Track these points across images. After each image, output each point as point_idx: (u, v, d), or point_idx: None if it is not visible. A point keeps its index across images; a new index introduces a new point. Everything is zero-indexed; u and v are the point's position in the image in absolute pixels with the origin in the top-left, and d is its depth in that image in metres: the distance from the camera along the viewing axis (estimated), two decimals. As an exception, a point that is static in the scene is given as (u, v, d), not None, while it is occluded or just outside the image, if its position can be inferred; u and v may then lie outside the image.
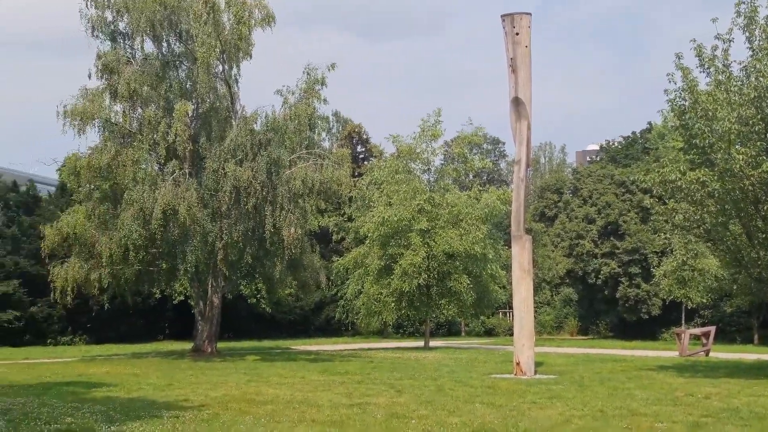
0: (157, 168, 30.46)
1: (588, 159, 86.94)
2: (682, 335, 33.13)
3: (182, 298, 42.19)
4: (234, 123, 30.12)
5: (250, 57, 30.79)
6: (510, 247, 23.97)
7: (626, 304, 51.98)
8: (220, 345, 33.68)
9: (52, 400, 15.25)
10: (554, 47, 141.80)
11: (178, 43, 31.56)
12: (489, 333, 55.99)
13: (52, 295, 30.92)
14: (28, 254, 41.12)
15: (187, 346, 34.44)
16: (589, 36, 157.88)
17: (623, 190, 53.85)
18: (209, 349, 31.09)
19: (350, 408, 14.19)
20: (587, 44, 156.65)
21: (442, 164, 42.19)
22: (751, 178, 20.32)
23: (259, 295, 45.84)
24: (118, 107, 30.15)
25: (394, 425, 12.20)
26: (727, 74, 21.85)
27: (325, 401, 15.17)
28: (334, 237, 44.64)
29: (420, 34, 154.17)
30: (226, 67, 30.78)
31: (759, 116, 20.74)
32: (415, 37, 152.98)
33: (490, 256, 37.62)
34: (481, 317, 50.22)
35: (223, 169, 28.40)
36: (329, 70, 31.25)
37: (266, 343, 42.50)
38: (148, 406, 14.48)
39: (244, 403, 14.77)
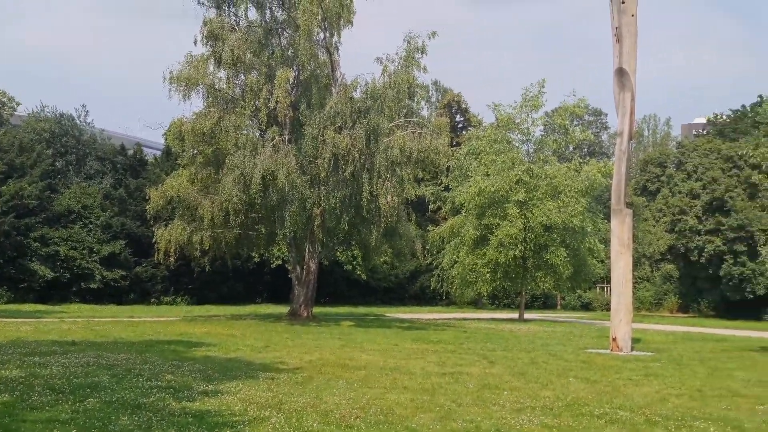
0: (257, 134, 30.97)
1: (694, 133, 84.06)
2: (789, 317, 31.88)
3: (280, 262, 43.05)
4: (334, 91, 30.33)
5: (351, 25, 30.92)
6: (609, 220, 23.49)
7: (730, 283, 50.23)
8: (316, 310, 34.25)
9: (154, 358, 15.86)
10: (664, 15, 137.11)
11: (280, 11, 31.89)
12: (585, 307, 55.20)
13: (155, 256, 32.05)
14: (134, 216, 42.66)
15: (284, 309, 35.15)
16: (703, 4, 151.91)
17: (730, 165, 51.84)
18: (305, 314, 31.65)
19: (442, 377, 14.24)
20: (702, 13, 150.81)
21: (542, 135, 41.55)
22: None
23: (354, 262, 46.36)
24: (221, 73, 30.75)
25: (486, 396, 12.19)
26: None
27: (417, 369, 15.27)
28: (431, 206, 44.66)
29: (527, 1, 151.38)
30: (327, 34, 30.97)
31: None
32: (522, 3, 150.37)
33: (589, 230, 37.01)
34: (578, 291, 49.61)
35: (323, 136, 28.66)
36: (430, 38, 31.08)
37: (361, 310, 43.02)
38: (245, 367, 14.89)
39: (338, 368, 15.02)
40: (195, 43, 30.59)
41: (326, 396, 11.66)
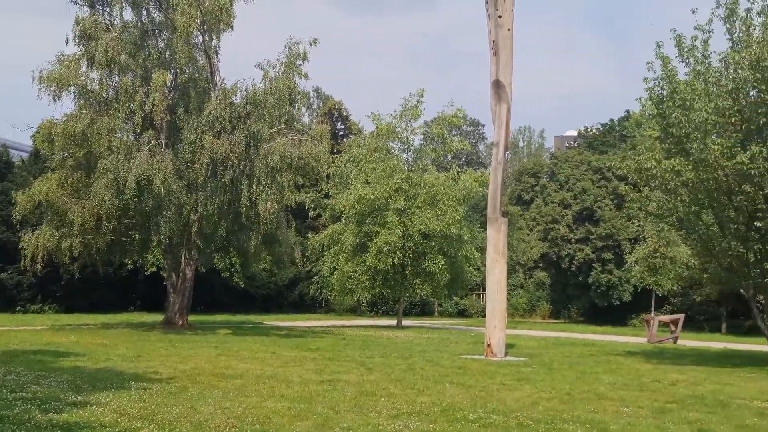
0: (132, 137, 30.15)
1: (566, 144, 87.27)
2: (651, 322, 33.49)
3: (155, 269, 41.97)
4: (213, 95, 29.87)
5: (231, 29, 30.57)
6: (486, 229, 24.03)
7: (598, 290, 52.42)
8: (192, 318, 33.58)
9: (19, 368, 15.14)
10: (540, 31, 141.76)
11: (158, 12, 31.16)
12: (462, 314, 56.27)
13: (22, 262, 30.64)
14: (-1, 220, 40.70)
15: (158, 318, 34.31)
16: (575, 21, 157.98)
17: (599, 177, 54.18)
18: (180, 322, 30.98)
19: (320, 384, 14.20)
20: (574, 29, 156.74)
21: (421, 144, 42.20)
22: (726, 169, 20.49)
23: (233, 269, 45.71)
24: (94, 74, 29.78)
25: (364, 402, 12.22)
26: (706, 65, 21.97)
27: (295, 377, 15.17)
28: (311, 213, 44.60)
29: (409, 11, 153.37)
30: (207, 38, 30.50)
31: (735, 108, 20.91)
32: (403, 14, 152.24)
33: (466, 238, 37.77)
34: (455, 298, 50.61)
35: (201, 141, 28.17)
36: (311, 45, 30.99)
37: (238, 318, 42.44)
38: (115, 377, 14.41)
39: (214, 377, 14.74)
40: (67, 42, 29.59)
41: (201, 406, 11.41)
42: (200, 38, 30.45)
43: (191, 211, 28.74)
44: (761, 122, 20.68)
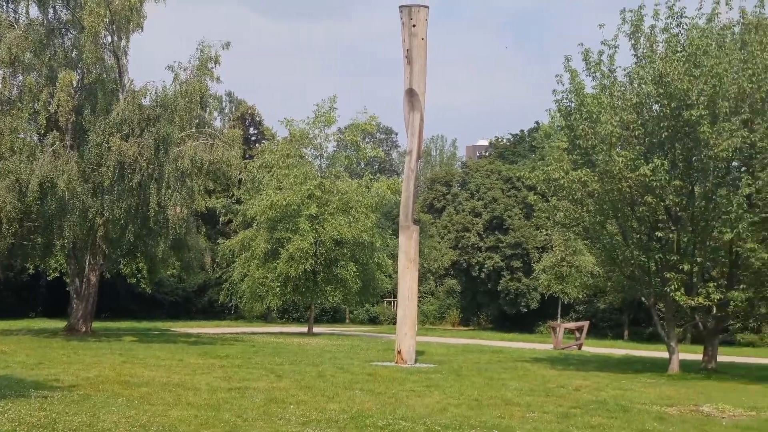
0: (36, 138, 29.23)
1: (477, 154, 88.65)
2: (557, 329, 34.26)
3: (57, 274, 40.65)
4: (121, 97, 29.20)
5: (141, 29, 29.99)
6: (398, 236, 24.16)
7: (507, 297, 53.37)
8: (96, 325, 32.72)
9: None
10: (454, 41, 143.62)
11: (65, 10, 30.28)
12: (373, 321, 56.39)
13: None
14: None
15: (61, 324, 33.29)
16: (489, 32, 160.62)
17: (509, 186, 55.24)
18: (84, 329, 30.12)
19: (228, 392, 14.02)
20: (486, 41, 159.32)
21: (334, 151, 42.19)
22: (629, 181, 21.14)
23: (139, 275, 44.62)
24: (-3, 73, 28.73)
25: (273, 410, 12.12)
26: (612, 79, 22.65)
27: (202, 384, 14.93)
28: (222, 219, 43.95)
29: (324, 18, 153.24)
30: (115, 38, 29.79)
31: (639, 121, 21.64)
32: (317, 20, 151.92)
33: (378, 245, 37.88)
34: (366, 305, 50.66)
35: (108, 143, 27.45)
36: (224, 48, 30.58)
37: (145, 324, 41.47)
38: (15, 385, 13.89)
39: (118, 385, 14.37)
40: (-33, 38, 28.43)
41: (104, 414, 11.11)
42: (109, 38, 29.72)
43: (97, 214, 28.01)
44: (663, 136, 21.45)
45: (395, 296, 30.20)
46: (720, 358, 25.00)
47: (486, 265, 53.78)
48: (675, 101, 20.65)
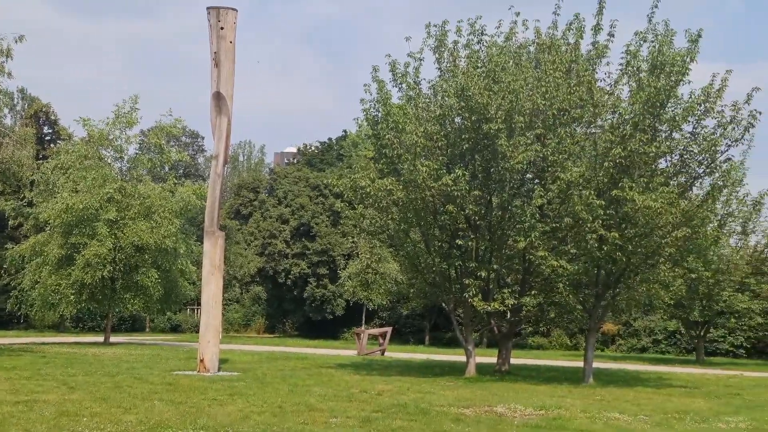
0: None
1: (286, 161, 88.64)
2: (362, 335, 34.77)
3: None
4: None
5: None
6: (202, 242, 23.61)
7: (313, 304, 53.64)
8: None
9: None
10: (263, 48, 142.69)
11: None
12: (175, 329, 54.97)
13: None
14: None
15: None
16: (299, 40, 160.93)
17: (317, 193, 55.61)
18: None
19: (15, 405, 13.09)
20: (294, 49, 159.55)
21: (136, 153, 40.64)
22: (432, 190, 21.82)
23: None
24: None
25: (64, 423, 11.42)
26: (417, 91, 23.33)
27: (-16, 399, 13.84)
28: (11, 222, 41.18)
29: (128, 16, 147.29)
30: None
31: (442, 133, 22.41)
32: (121, 18, 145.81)
33: (182, 251, 36.92)
34: (168, 313, 49.24)
35: None
36: (17, 42, 28.58)
37: None
38: None
39: None
40: None
41: None
42: None
43: None
44: (464, 147, 22.34)
45: (199, 303, 29.52)
46: (513, 361, 26.35)
47: (292, 272, 53.83)
48: (475, 114, 21.54)
